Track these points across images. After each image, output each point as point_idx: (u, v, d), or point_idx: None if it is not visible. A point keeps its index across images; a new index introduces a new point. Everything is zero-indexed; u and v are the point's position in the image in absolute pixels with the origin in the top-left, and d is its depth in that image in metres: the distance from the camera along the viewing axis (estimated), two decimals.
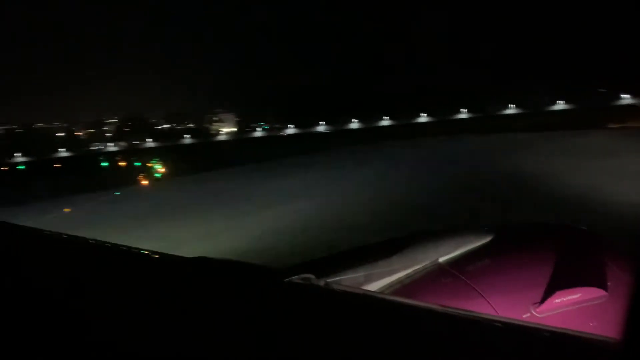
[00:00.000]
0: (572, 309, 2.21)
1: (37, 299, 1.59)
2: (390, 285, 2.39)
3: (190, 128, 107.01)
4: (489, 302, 2.19)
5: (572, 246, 2.57)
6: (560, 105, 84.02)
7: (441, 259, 2.53)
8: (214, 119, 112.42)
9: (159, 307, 1.59)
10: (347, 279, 2.22)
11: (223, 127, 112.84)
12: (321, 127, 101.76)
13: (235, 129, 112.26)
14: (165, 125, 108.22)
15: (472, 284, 2.30)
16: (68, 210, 31.90)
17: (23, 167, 75.62)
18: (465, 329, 1.38)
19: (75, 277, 1.85)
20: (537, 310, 2.19)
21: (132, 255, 2.15)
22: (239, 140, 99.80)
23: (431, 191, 19.45)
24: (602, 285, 2.26)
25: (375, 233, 10.92)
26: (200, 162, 51.80)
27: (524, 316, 2.19)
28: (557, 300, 2.20)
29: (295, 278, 1.78)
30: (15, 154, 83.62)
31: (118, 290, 1.77)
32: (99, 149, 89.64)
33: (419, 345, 1.27)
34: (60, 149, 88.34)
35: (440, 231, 2.75)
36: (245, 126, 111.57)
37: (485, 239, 2.65)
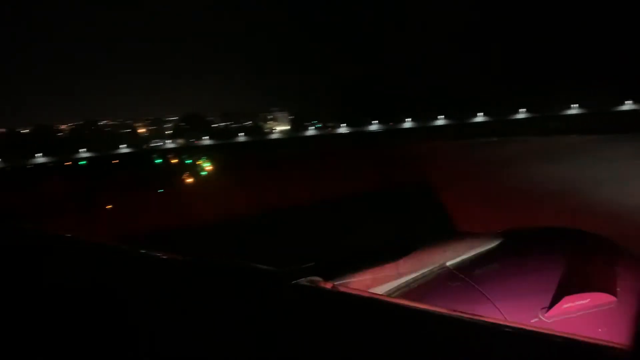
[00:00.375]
0: (580, 315, 2.15)
1: (37, 302, 1.59)
2: (398, 288, 2.41)
3: (245, 126, 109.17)
4: (496, 307, 2.17)
5: (582, 251, 2.50)
6: (628, 105, 79.33)
7: (449, 263, 2.53)
8: (269, 117, 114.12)
9: (161, 309, 1.62)
10: (354, 282, 2.25)
11: (277, 125, 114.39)
12: (374, 126, 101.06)
13: (289, 127, 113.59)
14: (222, 124, 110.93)
15: (480, 288, 2.28)
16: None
17: (84, 162, 79.77)
18: (472, 333, 1.40)
19: (77, 279, 1.85)
20: (545, 315, 2.15)
21: (137, 256, 2.21)
22: (294, 138, 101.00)
23: None
24: (611, 290, 2.23)
25: None
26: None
27: (532, 321, 2.13)
28: (565, 306, 2.16)
29: (303, 280, 1.81)
30: (79, 150, 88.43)
31: (128, 292, 1.78)
32: (157, 145, 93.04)
33: (426, 348, 1.27)
34: (121, 145, 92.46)
35: (448, 235, 2.70)
36: (298, 125, 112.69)
37: (493, 243, 2.63)
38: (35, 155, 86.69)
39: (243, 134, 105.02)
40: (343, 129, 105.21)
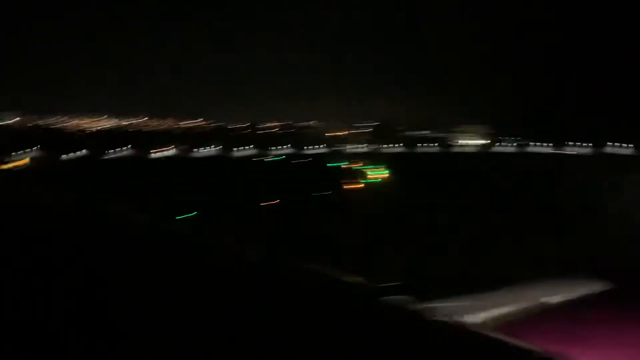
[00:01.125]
0: None
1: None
2: (492, 319, 2.39)
3: (435, 137, 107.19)
4: (599, 353, 1.94)
5: None
6: None
7: (547, 300, 2.41)
8: (462, 129, 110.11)
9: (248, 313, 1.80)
10: (446, 307, 2.28)
11: (470, 138, 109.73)
12: (575, 148, 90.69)
13: (484, 142, 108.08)
14: (412, 132, 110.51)
15: (581, 331, 2.10)
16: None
17: (282, 157, 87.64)
18: None
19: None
20: None
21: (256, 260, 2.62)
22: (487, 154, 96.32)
23: None
24: None
25: None
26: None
27: None
28: None
29: (392, 298, 1.98)
30: (280, 146, 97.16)
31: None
32: (345, 149, 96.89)
33: None
34: (315, 146, 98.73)
35: (552, 272, 2.57)
36: (496, 140, 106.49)
37: (599, 286, 2.50)
38: (242, 147, 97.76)
39: (432, 144, 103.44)
40: (543, 149, 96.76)
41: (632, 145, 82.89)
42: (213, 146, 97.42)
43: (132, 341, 0.97)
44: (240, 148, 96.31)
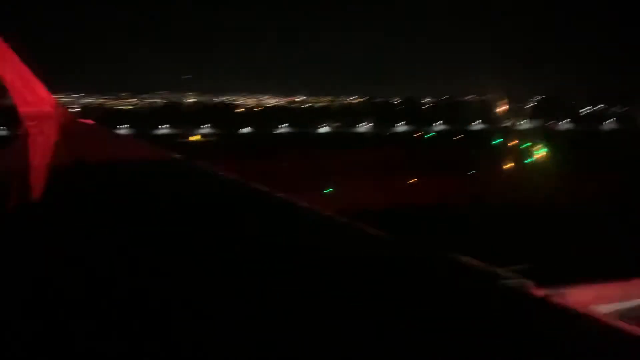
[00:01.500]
0: None
1: None
2: (625, 312, 2.23)
3: (612, 113, 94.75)
4: None
5: None
6: None
7: None
8: None
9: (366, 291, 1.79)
10: (572, 294, 2.04)
11: None
12: None
13: None
14: (585, 107, 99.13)
15: None
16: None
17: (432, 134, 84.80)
18: None
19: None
20: None
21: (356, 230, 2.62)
22: None
23: None
24: None
25: None
26: None
27: None
28: None
29: (511, 282, 1.79)
30: (437, 123, 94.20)
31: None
32: (508, 126, 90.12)
33: None
34: (476, 122, 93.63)
35: None
36: None
37: None
38: (398, 124, 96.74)
39: (609, 121, 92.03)
40: None
41: None
42: (368, 122, 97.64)
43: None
44: (396, 124, 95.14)
